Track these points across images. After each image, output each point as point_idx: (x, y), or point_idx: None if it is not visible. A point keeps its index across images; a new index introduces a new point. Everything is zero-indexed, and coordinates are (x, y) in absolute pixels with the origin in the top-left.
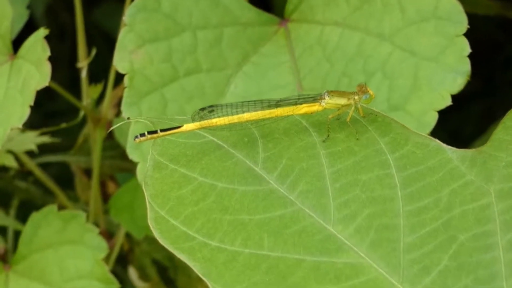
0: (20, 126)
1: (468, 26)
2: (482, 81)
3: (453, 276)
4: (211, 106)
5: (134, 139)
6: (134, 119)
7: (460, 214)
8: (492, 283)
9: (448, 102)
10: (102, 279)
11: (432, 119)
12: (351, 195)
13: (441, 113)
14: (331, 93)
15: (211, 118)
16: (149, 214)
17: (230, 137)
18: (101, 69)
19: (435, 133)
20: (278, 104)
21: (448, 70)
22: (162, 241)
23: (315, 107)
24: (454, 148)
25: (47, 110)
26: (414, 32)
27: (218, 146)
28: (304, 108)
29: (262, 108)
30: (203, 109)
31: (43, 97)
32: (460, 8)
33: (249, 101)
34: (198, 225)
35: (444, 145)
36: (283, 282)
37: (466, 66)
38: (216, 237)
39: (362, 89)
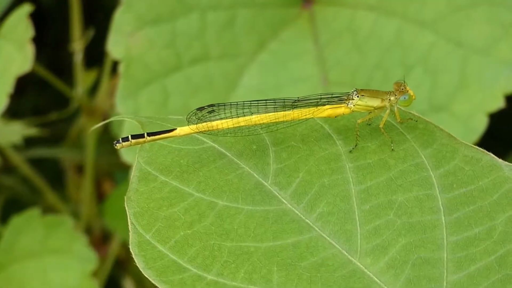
0: None
1: None
2: None
3: None
4: (211, 105)
5: (115, 145)
6: (118, 118)
7: None
8: None
9: (501, 103)
10: None
11: (481, 124)
12: (383, 220)
13: None
14: (362, 92)
15: (211, 121)
16: (131, 238)
17: (235, 144)
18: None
19: None
20: (295, 104)
21: (502, 65)
22: (146, 273)
23: (341, 109)
24: None
25: (37, 101)
26: (462, 19)
27: (220, 155)
28: (327, 110)
29: (275, 109)
30: (201, 108)
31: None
32: None
33: (258, 101)
34: (191, 253)
35: (500, 160)
36: None
37: None
38: (214, 269)
39: (399, 88)
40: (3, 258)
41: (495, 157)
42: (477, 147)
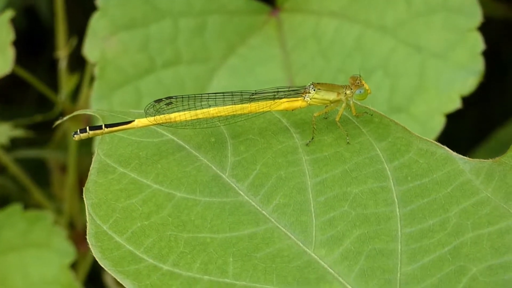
0: None
1: (483, 20)
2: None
3: None
4: (169, 97)
5: (73, 136)
6: (81, 112)
7: (472, 240)
8: None
9: (457, 105)
10: (67, 287)
11: (438, 124)
12: (338, 212)
13: None
14: (318, 85)
15: (169, 113)
16: (89, 228)
17: (194, 137)
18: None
19: None
20: (252, 97)
21: (459, 68)
22: (102, 263)
23: (297, 103)
24: (466, 158)
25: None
26: (421, 25)
27: (179, 147)
28: (284, 104)
29: (233, 102)
30: (158, 100)
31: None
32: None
33: (216, 93)
34: (147, 244)
35: (454, 153)
36: None
37: (479, 65)
38: (170, 260)
39: (355, 82)
40: None
41: (450, 150)
42: (431, 140)
